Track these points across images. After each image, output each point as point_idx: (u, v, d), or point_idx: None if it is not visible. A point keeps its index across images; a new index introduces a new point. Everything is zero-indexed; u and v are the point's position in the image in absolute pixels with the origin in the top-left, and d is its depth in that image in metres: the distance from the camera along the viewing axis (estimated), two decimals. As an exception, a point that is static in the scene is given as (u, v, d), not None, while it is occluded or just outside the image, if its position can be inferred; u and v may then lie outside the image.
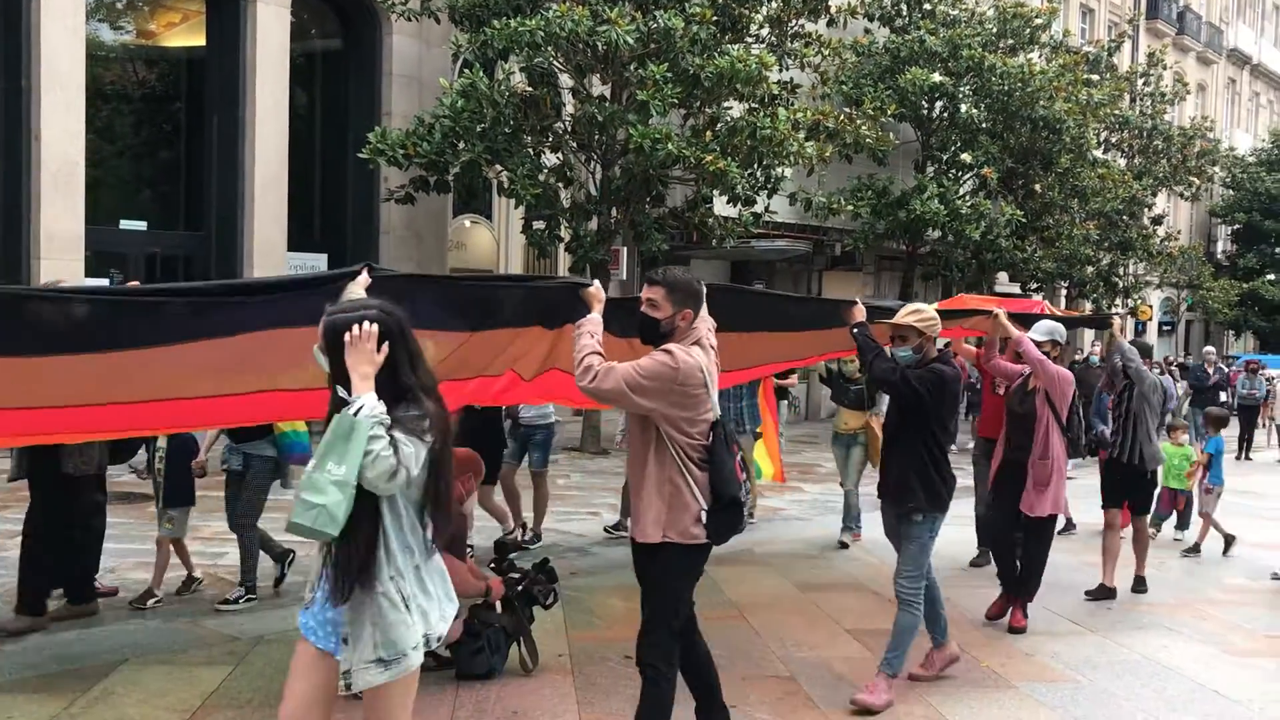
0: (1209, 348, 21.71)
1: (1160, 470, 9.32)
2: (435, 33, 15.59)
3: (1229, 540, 9.87)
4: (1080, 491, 10.46)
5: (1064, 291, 27.63)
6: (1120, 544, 7.97)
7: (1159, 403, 7.87)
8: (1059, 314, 8.58)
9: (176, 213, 15.04)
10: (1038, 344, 6.83)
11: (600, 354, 4.21)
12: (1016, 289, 26.14)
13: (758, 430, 9.92)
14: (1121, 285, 26.58)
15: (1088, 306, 27.78)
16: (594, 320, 4.38)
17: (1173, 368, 19.91)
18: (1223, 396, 18.79)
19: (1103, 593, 7.87)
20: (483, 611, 5.65)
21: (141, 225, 14.33)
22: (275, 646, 5.97)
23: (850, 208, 17.55)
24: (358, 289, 3.93)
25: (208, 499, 9.63)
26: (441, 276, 5.27)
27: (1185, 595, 8.24)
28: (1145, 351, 8.26)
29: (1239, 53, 44.23)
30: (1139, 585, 8.14)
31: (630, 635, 6.39)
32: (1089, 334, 32.23)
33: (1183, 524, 10.41)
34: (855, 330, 5.60)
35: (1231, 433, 18.89)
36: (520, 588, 5.86)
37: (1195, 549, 9.82)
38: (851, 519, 9.53)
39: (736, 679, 5.74)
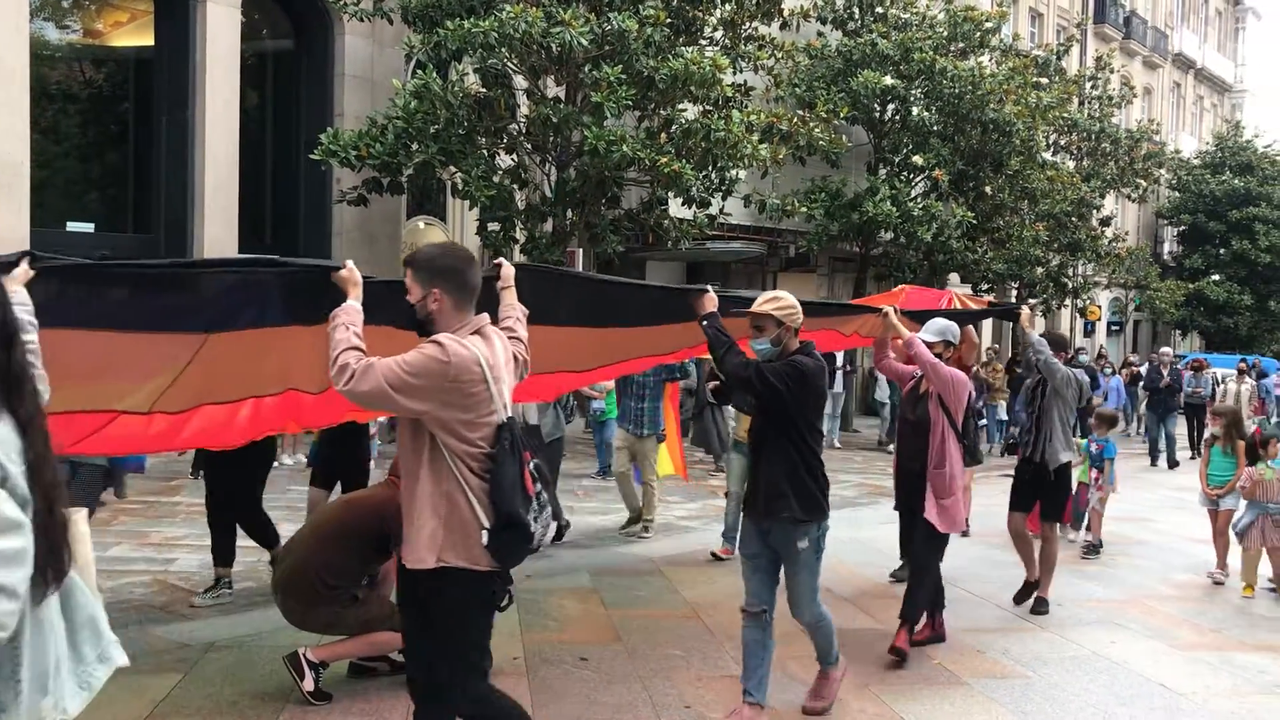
0: (1165, 348, 22.03)
1: (1077, 471, 9.29)
2: (388, 33, 15.50)
3: (1096, 546, 9.78)
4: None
5: (1014, 292, 27.96)
6: (1035, 548, 7.59)
7: (1074, 398, 7.36)
8: (968, 305, 8.07)
9: (124, 214, 14.82)
10: (929, 344, 6.35)
11: (359, 349, 3.54)
12: (968, 289, 26.45)
13: (661, 433, 9.68)
14: (1071, 286, 26.94)
15: (1037, 307, 28.16)
16: (350, 309, 3.67)
17: (1112, 368, 19.99)
18: (1183, 396, 19.06)
19: (1026, 590, 7.60)
20: None
21: (89, 227, 14.11)
22: (227, 653, 5.92)
23: (804, 209, 17.64)
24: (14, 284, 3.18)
25: (159, 504, 9.54)
26: (145, 263, 4.38)
27: (1133, 591, 8.37)
28: (1058, 343, 7.68)
29: (1184, 57, 45.02)
30: (1039, 606, 7.45)
31: (586, 637, 6.43)
32: (1039, 330, 32.67)
33: (1077, 524, 10.16)
34: (704, 322, 5.06)
35: (1180, 429, 19.24)
36: None
37: (1093, 549, 9.73)
38: (731, 529, 8.79)
39: (691, 679, 5.77)
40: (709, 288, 5.32)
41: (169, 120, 14.30)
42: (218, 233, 14.15)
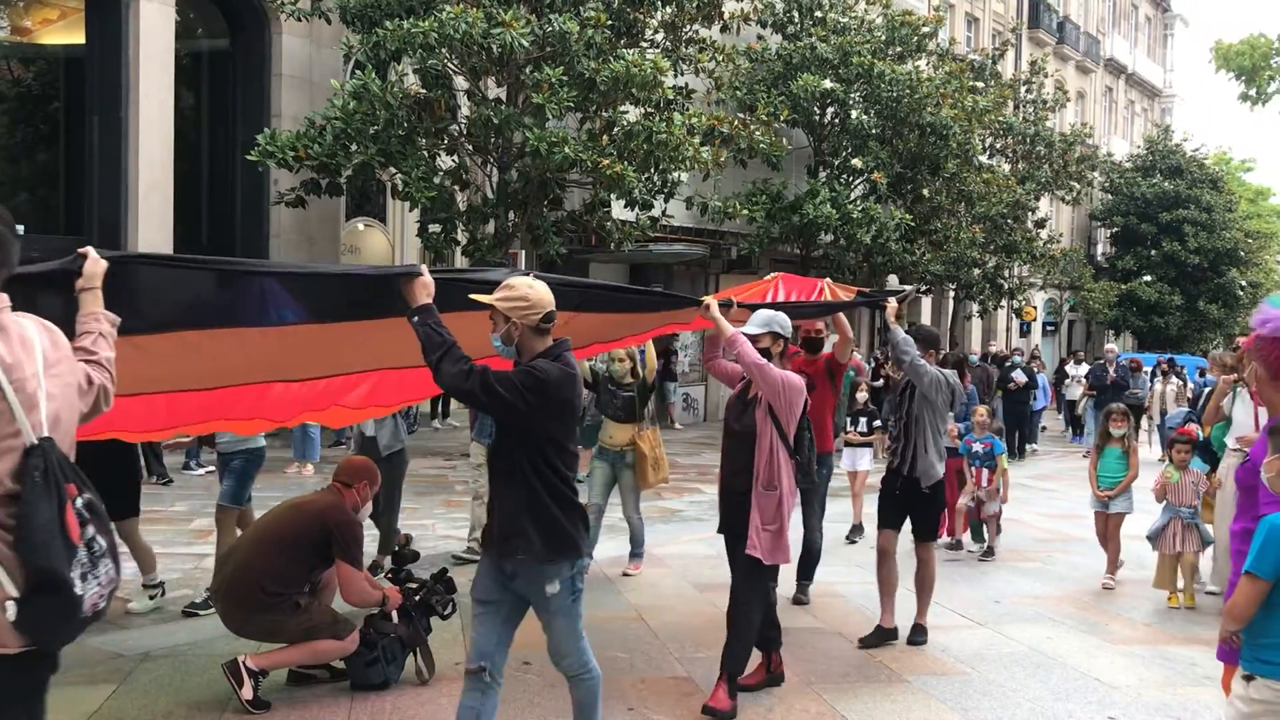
0: (1111, 345, 22.37)
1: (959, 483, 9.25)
2: (326, 33, 15.34)
3: (988, 549, 9.55)
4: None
5: (952, 293, 28.34)
6: (896, 579, 6.73)
7: (945, 403, 6.50)
8: (839, 296, 7.33)
9: (56, 217, 14.51)
10: (752, 339, 5.40)
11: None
12: (908, 289, 26.77)
13: None
14: (1007, 287, 27.36)
15: (974, 308, 28.59)
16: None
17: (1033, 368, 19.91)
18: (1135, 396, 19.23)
19: (879, 637, 6.60)
20: (378, 621, 5.58)
21: (18, 229, 13.78)
22: (163, 663, 5.82)
23: (745, 212, 17.75)
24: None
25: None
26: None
27: (1069, 588, 8.51)
28: (928, 341, 6.72)
29: (1115, 62, 45.92)
30: (918, 634, 6.65)
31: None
32: (976, 330, 33.13)
33: (978, 535, 9.82)
34: (414, 319, 3.97)
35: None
36: (418, 598, 5.79)
37: (990, 552, 9.50)
38: (638, 544, 8.39)
39: (635, 681, 5.77)
40: (421, 267, 4.11)
41: (101, 120, 14.03)
42: (152, 235, 13.91)
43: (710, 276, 22.67)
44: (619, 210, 15.39)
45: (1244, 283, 40.02)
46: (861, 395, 11.23)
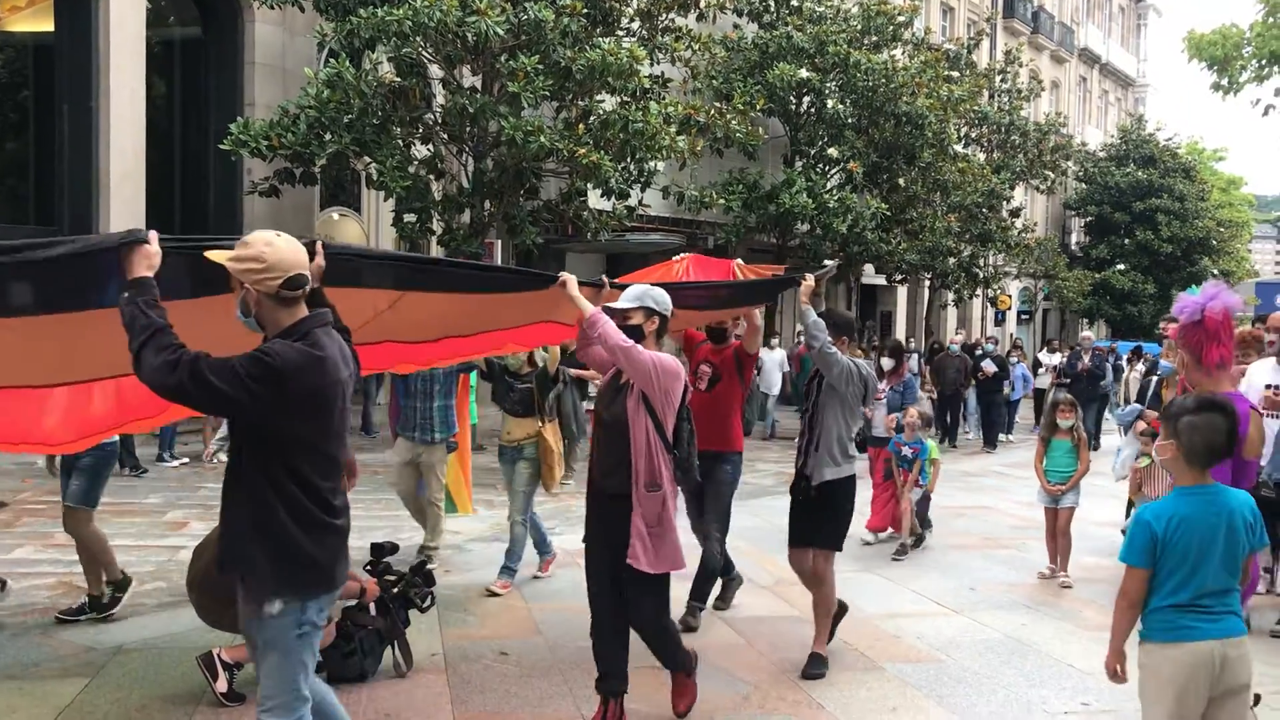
0: (1087, 333, 22.35)
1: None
2: (299, 21, 15.23)
3: (918, 539, 9.27)
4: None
5: (927, 282, 28.45)
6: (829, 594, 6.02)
7: (855, 396, 5.79)
8: (749, 275, 6.77)
9: (25, 207, 14.36)
10: (622, 315, 4.78)
11: None
12: (882, 280, 26.87)
13: (452, 439, 7.99)
14: (982, 276, 27.50)
15: (950, 297, 28.71)
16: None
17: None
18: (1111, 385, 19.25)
19: (818, 662, 5.83)
20: (356, 613, 5.56)
21: (-13, 221, 13.66)
22: (135, 656, 5.78)
23: (722, 201, 17.77)
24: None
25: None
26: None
27: (1060, 567, 8.56)
28: (842, 326, 6.01)
29: (1089, 52, 46.16)
30: (815, 665, 5.83)
31: (506, 632, 6.40)
32: (951, 319, 33.25)
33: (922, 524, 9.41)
34: (124, 295, 3.21)
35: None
36: (396, 590, 5.77)
37: (919, 541, 9.24)
38: (514, 558, 7.39)
39: (612, 671, 5.77)
40: (147, 234, 3.27)
41: (72, 109, 13.89)
42: (124, 224, 13.73)
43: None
44: (595, 200, 15.36)
45: (1216, 271, 40.37)
46: None
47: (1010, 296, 34.70)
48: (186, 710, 5.05)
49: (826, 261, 9.49)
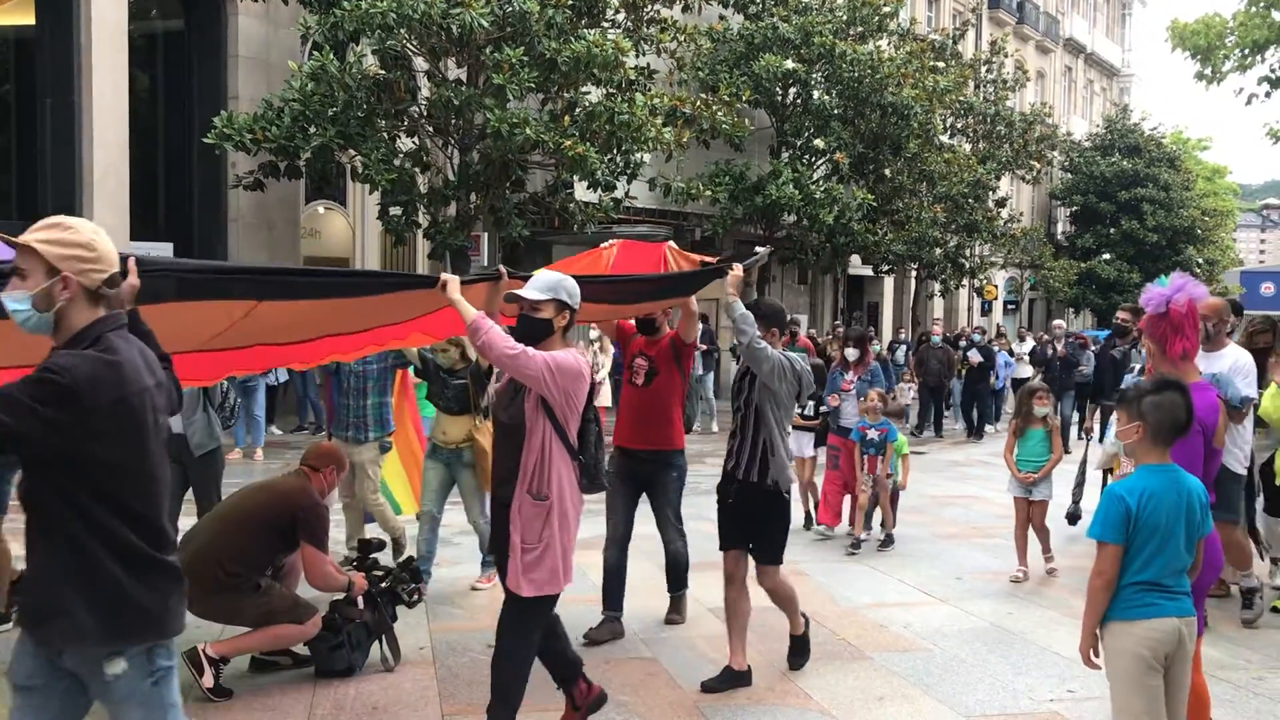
0: (1058, 321, 22.34)
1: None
2: (283, 14, 15.15)
3: (885, 540, 8.91)
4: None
5: (914, 272, 28.51)
6: (748, 608, 5.57)
7: (790, 393, 5.40)
8: (681, 260, 6.12)
9: (8, 202, 14.27)
10: (532, 306, 4.30)
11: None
12: (869, 271, 26.90)
13: (387, 439, 7.61)
14: (968, 266, 27.56)
15: (936, 287, 28.77)
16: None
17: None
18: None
19: (728, 680, 5.43)
20: (344, 607, 5.55)
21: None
22: None
23: (708, 193, 17.75)
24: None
25: None
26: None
27: (1030, 563, 8.60)
28: (773, 318, 5.55)
29: (1074, 42, 46.26)
30: (798, 653, 5.79)
31: (493, 624, 6.37)
32: (938, 310, 33.37)
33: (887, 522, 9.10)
34: None
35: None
36: (384, 584, 5.77)
37: (889, 540, 8.89)
38: (488, 551, 7.15)
39: (600, 663, 5.78)
40: None
41: (53, 103, 13.80)
42: (108, 219, 13.70)
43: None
44: (582, 192, 15.34)
45: (1201, 260, 40.60)
46: None
47: (996, 287, 34.80)
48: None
49: (758, 249, 8.86)
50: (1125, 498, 3.74)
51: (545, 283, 4.36)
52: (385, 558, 6.26)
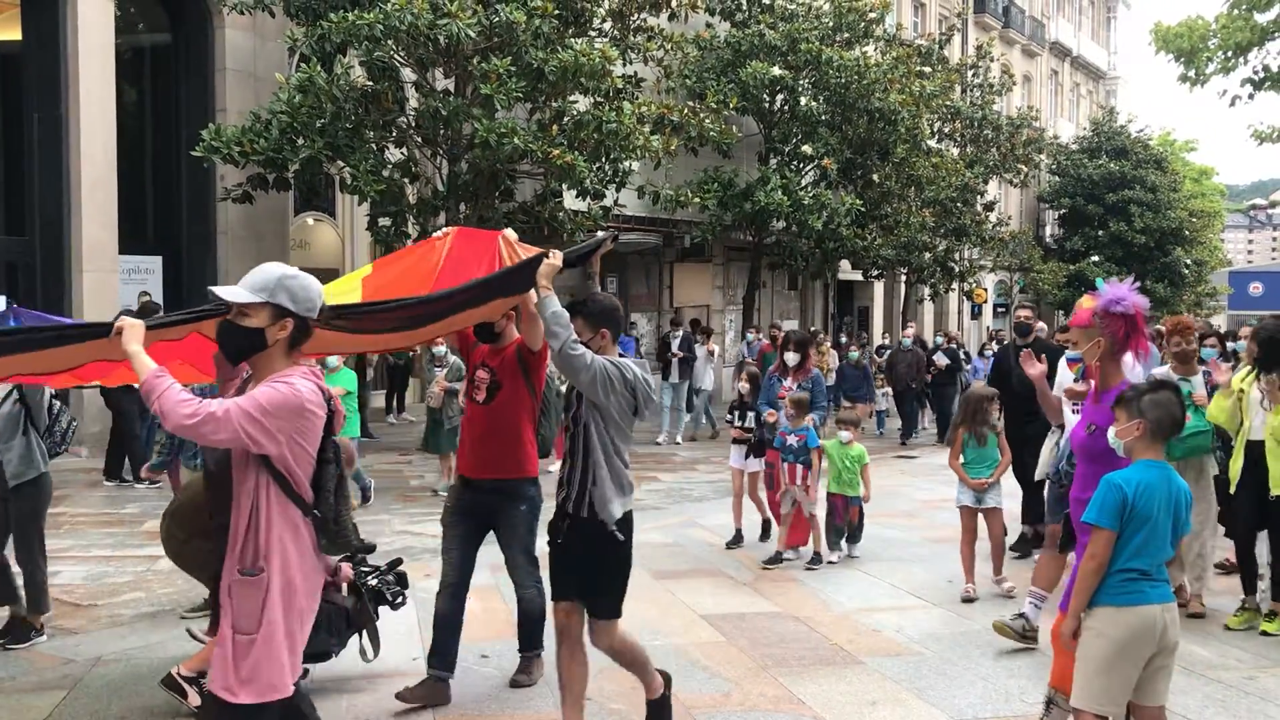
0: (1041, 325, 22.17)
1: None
2: (270, 26, 15.17)
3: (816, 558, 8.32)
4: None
5: (903, 277, 28.57)
6: (583, 672, 4.70)
7: (624, 409, 4.50)
8: (519, 251, 5.17)
9: (-4, 216, 14.27)
10: (239, 311, 3.32)
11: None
12: (858, 276, 26.95)
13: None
14: (957, 270, 27.61)
15: (926, 292, 28.82)
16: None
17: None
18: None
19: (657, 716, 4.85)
20: (326, 590, 5.41)
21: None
22: (114, 668, 5.75)
23: (697, 200, 17.80)
24: None
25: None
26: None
27: (1022, 565, 8.62)
28: (602, 316, 4.62)
29: (1060, 45, 46.43)
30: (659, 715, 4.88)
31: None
32: (929, 314, 33.38)
33: (855, 537, 8.63)
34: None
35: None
36: (372, 580, 5.70)
37: (817, 559, 8.30)
38: None
39: (592, 671, 5.77)
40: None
41: (41, 117, 13.80)
42: (96, 233, 13.72)
43: (664, 266, 22.72)
44: (571, 201, 15.37)
45: (1189, 261, 40.73)
46: (743, 385, 9.21)
47: (986, 290, 34.89)
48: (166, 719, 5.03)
49: (599, 233, 8.08)
50: (1123, 486, 3.90)
51: (259, 280, 3.34)
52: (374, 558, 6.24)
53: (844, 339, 20.73)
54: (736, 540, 9.00)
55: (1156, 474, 3.96)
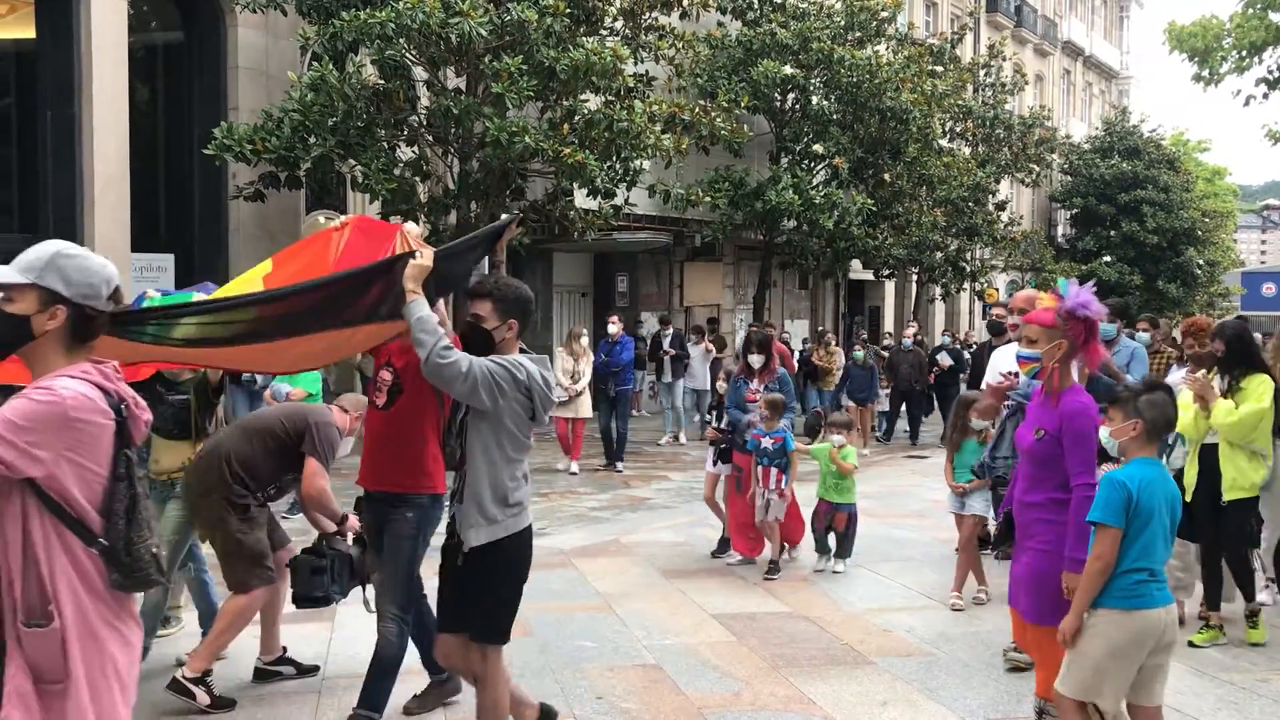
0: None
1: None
2: (282, 25, 15.19)
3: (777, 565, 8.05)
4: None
5: (914, 276, 28.51)
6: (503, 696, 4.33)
7: (517, 412, 4.03)
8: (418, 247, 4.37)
9: (9, 214, 14.30)
10: (5, 293, 2.74)
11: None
12: (869, 276, 26.91)
13: None
14: (969, 270, 27.55)
15: (937, 292, 28.77)
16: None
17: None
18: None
19: None
20: (333, 538, 5.36)
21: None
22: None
23: (708, 199, 17.77)
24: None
25: None
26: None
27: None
28: (512, 305, 4.14)
29: (1072, 45, 46.29)
30: None
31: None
32: (939, 314, 33.33)
33: (844, 551, 8.18)
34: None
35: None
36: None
37: (774, 568, 7.95)
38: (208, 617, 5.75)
39: (603, 669, 5.79)
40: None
41: (54, 115, 13.82)
42: (109, 231, 13.74)
43: (675, 265, 22.71)
44: (581, 199, 15.36)
45: (1201, 261, 40.55)
46: (722, 385, 9.02)
47: (997, 290, 34.78)
48: None
49: (504, 215, 7.51)
50: (1126, 484, 3.87)
51: (29, 258, 2.77)
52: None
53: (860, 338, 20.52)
54: (724, 547, 8.58)
55: (1155, 472, 3.98)
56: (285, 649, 5.70)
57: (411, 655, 5.69)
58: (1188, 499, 6.29)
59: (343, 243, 4.81)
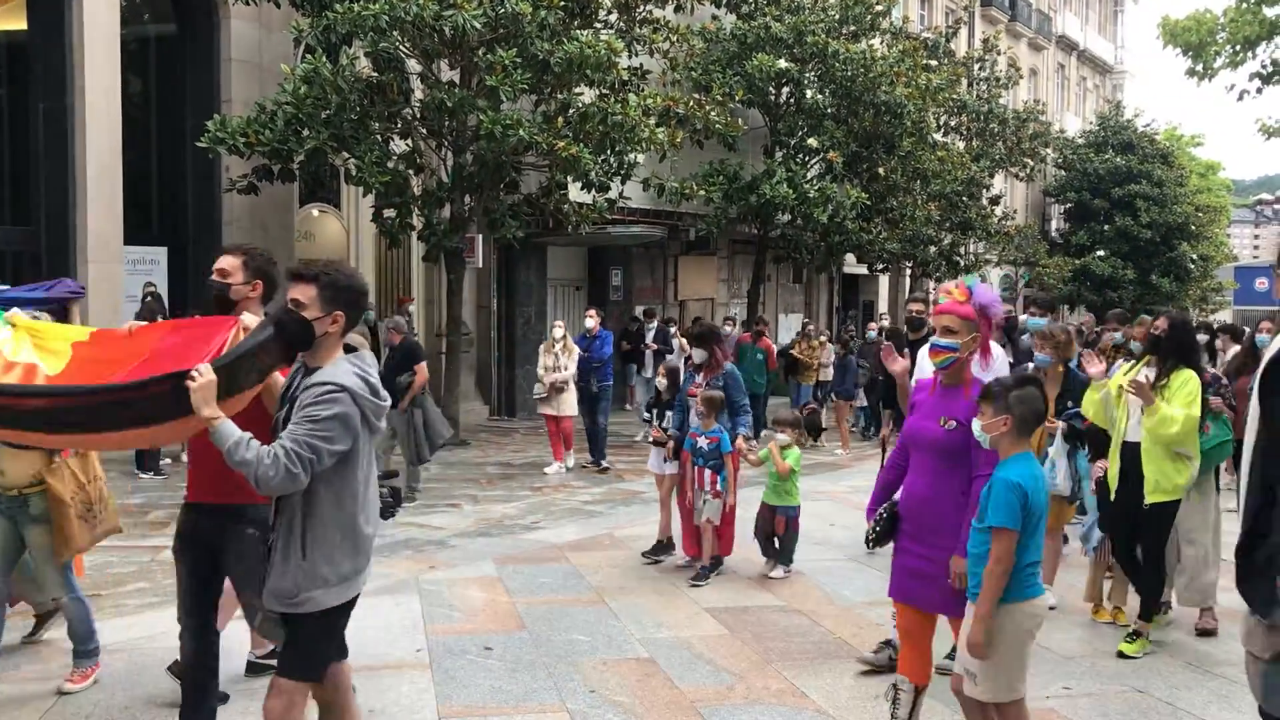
0: (1022, 316, 21.89)
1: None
2: (275, 17, 15.15)
3: (707, 570, 7.61)
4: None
5: (909, 271, 28.54)
6: None
7: (347, 436, 3.52)
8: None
9: (2, 208, 14.27)
10: None
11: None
12: (863, 270, 26.93)
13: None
14: (963, 264, 27.58)
15: (931, 285, 28.80)
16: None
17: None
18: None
19: None
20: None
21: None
22: (119, 657, 5.76)
23: (702, 193, 17.75)
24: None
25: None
26: None
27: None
28: (340, 295, 3.62)
29: (1067, 39, 46.31)
30: None
31: (490, 626, 6.41)
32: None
33: (784, 557, 7.77)
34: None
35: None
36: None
37: (703, 574, 7.58)
38: (82, 639, 5.38)
39: (596, 663, 5.79)
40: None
41: (46, 108, 13.78)
42: (101, 224, 13.71)
43: (669, 258, 22.70)
44: (576, 193, 15.35)
45: (1195, 256, 40.66)
46: (660, 381, 8.81)
47: (991, 284, 34.85)
48: (170, 712, 5.03)
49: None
50: (1021, 485, 3.92)
51: None
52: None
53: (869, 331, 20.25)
54: (657, 549, 8.18)
55: (1034, 467, 4.05)
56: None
57: (404, 648, 5.69)
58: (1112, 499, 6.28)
59: (169, 331, 4.38)
